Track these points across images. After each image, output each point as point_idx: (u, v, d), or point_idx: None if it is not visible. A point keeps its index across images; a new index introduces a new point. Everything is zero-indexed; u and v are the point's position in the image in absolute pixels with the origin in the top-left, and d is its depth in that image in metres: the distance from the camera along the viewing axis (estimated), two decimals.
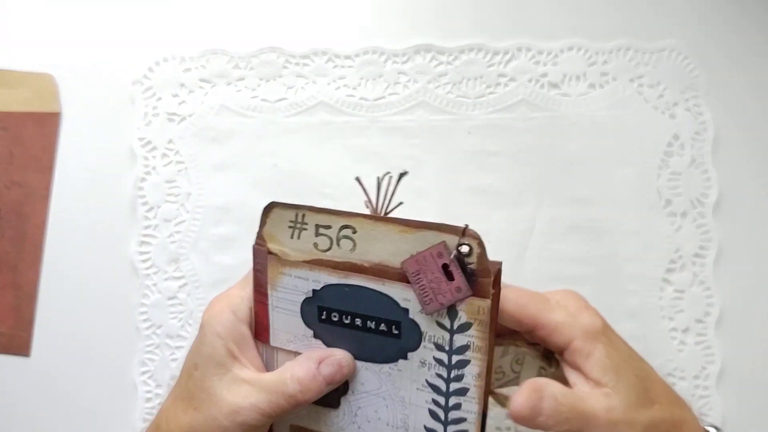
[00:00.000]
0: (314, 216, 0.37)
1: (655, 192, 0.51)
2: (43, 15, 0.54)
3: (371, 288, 0.36)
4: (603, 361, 0.36)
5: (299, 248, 0.37)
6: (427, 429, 0.37)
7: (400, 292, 0.36)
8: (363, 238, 0.36)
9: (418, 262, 0.35)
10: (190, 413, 0.37)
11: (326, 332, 0.38)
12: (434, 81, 0.53)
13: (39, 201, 0.53)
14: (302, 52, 0.53)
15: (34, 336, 0.52)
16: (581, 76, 0.52)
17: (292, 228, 0.37)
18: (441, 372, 0.36)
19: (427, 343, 0.36)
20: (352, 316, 0.37)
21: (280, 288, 0.38)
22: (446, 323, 0.35)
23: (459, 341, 0.35)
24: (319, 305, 0.37)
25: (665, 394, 0.38)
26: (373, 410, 0.38)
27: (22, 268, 0.52)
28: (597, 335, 0.36)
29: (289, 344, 0.39)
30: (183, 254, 0.52)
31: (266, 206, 0.37)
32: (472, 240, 0.34)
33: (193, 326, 0.51)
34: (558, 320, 0.37)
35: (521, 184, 0.52)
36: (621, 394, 0.36)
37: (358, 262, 0.36)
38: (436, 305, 0.35)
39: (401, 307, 0.36)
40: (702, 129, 0.52)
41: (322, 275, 0.37)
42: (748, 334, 0.51)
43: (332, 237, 0.36)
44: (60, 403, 0.52)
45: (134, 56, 0.53)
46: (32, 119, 0.53)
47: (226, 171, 0.52)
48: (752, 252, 0.51)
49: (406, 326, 0.36)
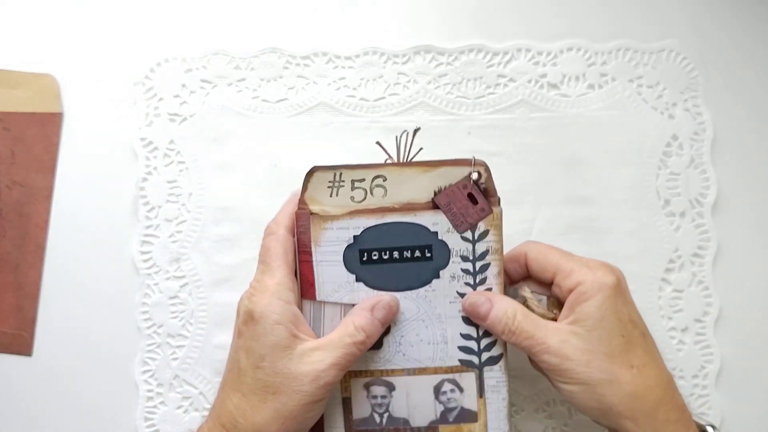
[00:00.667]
0: (350, 172, 0.43)
1: (654, 192, 0.51)
2: (45, 15, 0.55)
3: (404, 221, 0.43)
4: (592, 308, 0.40)
5: (338, 204, 0.43)
6: (463, 335, 0.44)
7: (429, 219, 0.43)
8: (393, 184, 0.43)
9: (447, 195, 0.43)
10: (270, 400, 0.39)
11: (368, 273, 0.43)
12: (434, 82, 0.53)
13: (41, 201, 0.53)
14: (303, 53, 0.53)
15: (36, 335, 0.52)
16: (580, 76, 0.53)
17: (331, 187, 0.43)
18: (468, 280, 0.43)
19: (454, 258, 0.43)
20: (389, 250, 0.43)
21: (324, 242, 0.43)
22: (468, 235, 0.43)
23: (480, 248, 0.43)
24: (360, 248, 0.43)
25: (653, 371, 0.41)
26: (415, 334, 0.44)
27: (24, 267, 0.53)
28: (603, 288, 0.40)
29: (335, 294, 0.44)
30: (184, 254, 0.52)
31: (308, 171, 0.43)
32: (480, 167, 0.43)
33: (194, 325, 0.51)
34: (574, 267, 0.42)
35: (521, 184, 0.52)
36: (590, 339, 0.40)
37: (390, 205, 0.43)
38: (466, 225, 0.43)
39: (431, 231, 0.43)
40: (701, 129, 0.52)
41: (360, 221, 0.43)
42: (747, 334, 0.51)
43: (366, 188, 0.43)
44: (62, 402, 0.52)
45: (136, 57, 0.53)
46: (34, 119, 0.53)
47: (227, 171, 0.52)
48: (751, 252, 0.52)
49: (436, 247, 0.43)
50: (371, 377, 0.44)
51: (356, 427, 0.45)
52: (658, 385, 0.40)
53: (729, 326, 0.51)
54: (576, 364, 0.39)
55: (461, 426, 0.44)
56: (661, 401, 0.40)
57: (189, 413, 0.51)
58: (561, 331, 0.41)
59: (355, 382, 0.45)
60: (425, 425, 0.44)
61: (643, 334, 0.41)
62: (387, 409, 0.44)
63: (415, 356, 0.44)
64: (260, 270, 0.42)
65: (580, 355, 0.40)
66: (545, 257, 0.43)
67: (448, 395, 0.44)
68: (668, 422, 0.40)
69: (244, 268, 0.51)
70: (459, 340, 0.44)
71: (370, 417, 0.45)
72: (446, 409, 0.44)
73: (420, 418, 0.44)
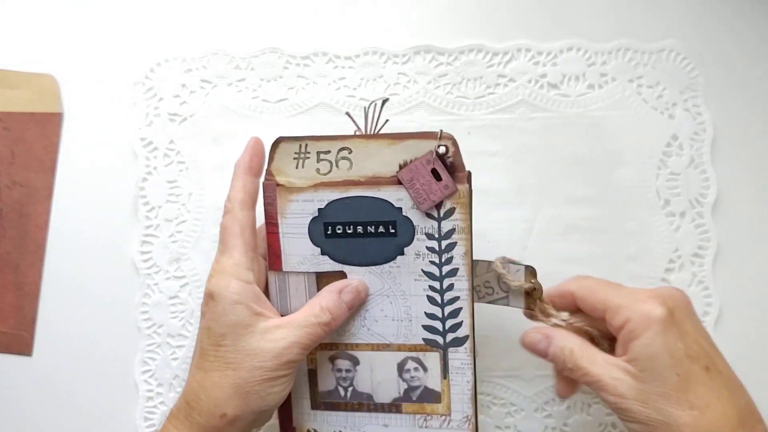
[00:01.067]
0: (315, 144, 0.43)
1: (654, 192, 0.51)
2: (45, 15, 0.55)
3: (369, 195, 0.42)
4: (641, 346, 0.38)
5: (304, 176, 0.43)
6: (428, 314, 0.44)
7: (393, 194, 0.42)
8: (358, 157, 0.42)
9: (410, 170, 0.41)
10: (230, 375, 0.40)
11: (332, 246, 0.43)
12: (434, 82, 0.53)
13: (41, 201, 0.53)
14: (303, 53, 0.53)
15: (36, 335, 0.52)
16: (580, 76, 0.53)
17: (297, 159, 0.43)
18: (434, 259, 0.43)
19: (419, 235, 0.42)
20: (353, 225, 0.43)
21: (289, 214, 0.43)
22: (434, 213, 0.42)
23: (446, 227, 0.42)
24: (325, 222, 0.43)
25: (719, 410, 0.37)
26: (379, 309, 0.44)
27: (24, 267, 0.53)
28: (652, 322, 0.38)
29: (300, 266, 0.44)
30: (184, 254, 0.52)
31: (274, 142, 0.43)
32: (447, 140, 0.41)
33: (194, 325, 0.51)
34: (621, 302, 0.39)
35: (521, 185, 0.52)
36: (643, 378, 0.37)
37: (355, 179, 0.43)
38: (429, 203, 0.42)
39: (395, 207, 0.42)
40: (701, 129, 0.52)
41: (325, 194, 0.43)
42: (747, 334, 0.51)
43: (332, 160, 0.43)
44: (62, 402, 0.52)
45: (136, 57, 0.53)
46: (34, 120, 0.53)
47: (227, 171, 0.52)
48: (751, 252, 0.52)
49: (400, 223, 0.42)
50: (336, 350, 0.45)
51: (321, 399, 0.46)
52: (726, 425, 0.37)
53: (729, 326, 0.51)
54: (632, 404, 0.38)
55: (424, 405, 0.45)
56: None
57: None
58: (616, 367, 0.39)
59: (320, 355, 0.45)
60: (388, 402, 0.45)
61: (706, 368, 0.38)
62: (351, 383, 0.45)
63: (379, 331, 0.44)
64: (219, 250, 0.43)
65: (636, 394, 0.37)
66: (592, 294, 0.41)
67: (412, 373, 0.44)
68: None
69: None
70: (423, 318, 0.44)
71: (335, 390, 0.45)
72: (410, 387, 0.45)
73: (383, 394, 0.45)
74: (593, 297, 0.41)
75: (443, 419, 0.44)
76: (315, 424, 0.46)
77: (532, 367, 0.50)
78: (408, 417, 0.45)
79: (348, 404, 0.45)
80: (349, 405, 0.45)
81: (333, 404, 0.46)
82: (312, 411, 0.46)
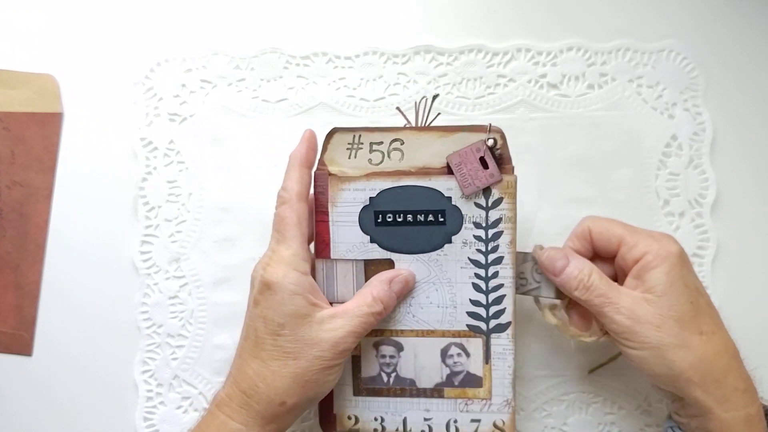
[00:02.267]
0: (369, 135, 0.44)
1: (654, 192, 0.51)
2: (45, 16, 0.55)
3: (419, 185, 0.44)
4: (661, 275, 0.41)
5: (356, 165, 0.44)
6: (472, 301, 0.45)
7: (443, 183, 0.44)
8: (409, 148, 0.44)
9: (460, 155, 0.44)
10: (290, 365, 0.41)
11: (381, 235, 0.45)
12: (434, 82, 0.53)
13: (41, 201, 0.53)
14: (303, 53, 0.53)
15: (36, 335, 0.52)
16: (580, 76, 0.53)
17: (350, 149, 0.44)
18: (480, 247, 0.44)
19: (467, 224, 0.44)
20: (404, 213, 0.44)
21: (340, 203, 0.45)
22: (482, 202, 0.44)
23: (493, 216, 0.44)
24: (376, 210, 0.44)
25: (722, 338, 0.41)
26: (425, 296, 0.45)
27: (24, 267, 0.53)
28: (669, 256, 0.41)
29: (348, 254, 0.45)
30: (184, 254, 0.52)
31: (328, 132, 0.44)
32: (496, 134, 0.44)
33: (193, 325, 0.51)
34: (639, 239, 0.42)
35: (521, 184, 0.51)
36: (660, 304, 0.40)
37: (406, 169, 0.44)
38: (474, 188, 0.43)
39: (445, 196, 0.44)
40: (700, 129, 0.52)
41: (377, 183, 0.44)
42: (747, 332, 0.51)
43: (384, 151, 0.44)
44: (61, 402, 0.52)
45: (135, 57, 0.53)
46: (34, 119, 0.54)
47: (227, 171, 0.52)
48: (750, 252, 0.52)
49: (449, 212, 0.44)
50: (381, 336, 0.46)
51: (364, 385, 0.46)
52: (726, 352, 0.41)
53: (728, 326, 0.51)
54: (647, 328, 0.40)
55: (466, 390, 0.46)
56: (729, 368, 0.40)
57: (188, 413, 0.51)
58: (632, 295, 0.41)
59: (365, 342, 0.46)
60: (431, 387, 0.46)
61: (708, 303, 0.42)
62: (395, 369, 0.46)
63: (424, 318, 0.45)
64: (275, 239, 0.43)
65: (652, 318, 0.40)
66: (608, 230, 0.44)
67: (455, 359, 0.45)
68: (736, 390, 0.40)
69: (243, 268, 0.51)
70: (468, 305, 0.45)
71: (378, 376, 0.46)
72: (452, 372, 0.46)
73: (426, 379, 0.46)
74: (609, 232, 0.43)
75: (484, 403, 0.45)
76: (356, 411, 0.47)
77: (531, 367, 0.50)
78: (449, 402, 0.46)
79: (390, 390, 0.46)
80: (391, 390, 0.46)
81: (375, 390, 0.46)
82: (354, 397, 0.46)
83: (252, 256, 0.50)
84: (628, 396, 0.50)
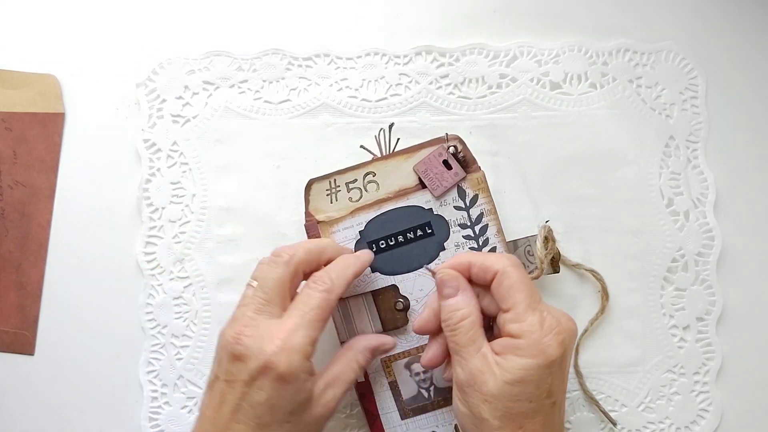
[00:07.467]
0: (342, 176, 0.48)
1: (658, 191, 0.52)
2: (47, 16, 0.54)
3: (400, 206, 0.48)
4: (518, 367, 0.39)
5: (339, 207, 0.48)
6: None
7: (421, 198, 0.47)
8: (382, 177, 0.48)
9: (425, 163, 0.47)
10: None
11: (380, 262, 0.47)
12: (436, 82, 0.53)
13: (43, 201, 0.53)
14: (305, 54, 0.53)
15: (38, 335, 0.52)
16: (582, 75, 0.53)
17: (329, 194, 0.48)
18: (472, 245, 0.47)
19: (454, 228, 0.47)
20: (394, 236, 0.47)
21: None
22: (461, 204, 0.47)
23: (474, 213, 0.47)
24: (368, 240, 0.47)
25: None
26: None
27: (26, 267, 0.53)
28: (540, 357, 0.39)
29: (356, 289, 0.48)
30: (188, 255, 0.52)
31: (306, 185, 0.48)
32: (454, 141, 0.48)
33: (198, 326, 0.51)
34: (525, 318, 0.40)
35: (522, 184, 0.52)
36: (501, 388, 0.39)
37: (384, 196, 0.48)
38: (442, 189, 0.47)
39: (426, 209, 0.47)
40: (698, 130, 0.52)
41: (362, 216, 0.47)
42: (750, 332, 0.51)
43: (360, 187, 0.48)
44: (64, 402, 0.52)
45: (138, 58, 0.53)
46: (36, 120, 0.53)
47: (230, 172, 0.52)
48: (755, 251, 0.52)
49: (435, 222, 0.47)
50: (410, 356, 0.48)
51: (408, 407, 0.48)
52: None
53: (731, 324, 0.51)
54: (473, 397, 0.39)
55: None
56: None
57: (193, 413, 0.51)
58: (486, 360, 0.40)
59: (396, 365, 0.48)
60: None
61: (553, 404, 0.40)
62: (431, 383, 0.48)
63: None
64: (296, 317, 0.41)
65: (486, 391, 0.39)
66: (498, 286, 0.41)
67: None
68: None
69: (247, 269, 0.50)
70: None
71: (419, 394, 0.48)
72: None
73: None
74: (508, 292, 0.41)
75: None
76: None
77: None
78: None
79: (434, 403, 0.48)
80: (435, 404, 0.48)
81: (420, 408, 0.48)
82: (402, 422, 0.48)
83: (255, 256, 0.50)
84: (630, 393, 0.51)
